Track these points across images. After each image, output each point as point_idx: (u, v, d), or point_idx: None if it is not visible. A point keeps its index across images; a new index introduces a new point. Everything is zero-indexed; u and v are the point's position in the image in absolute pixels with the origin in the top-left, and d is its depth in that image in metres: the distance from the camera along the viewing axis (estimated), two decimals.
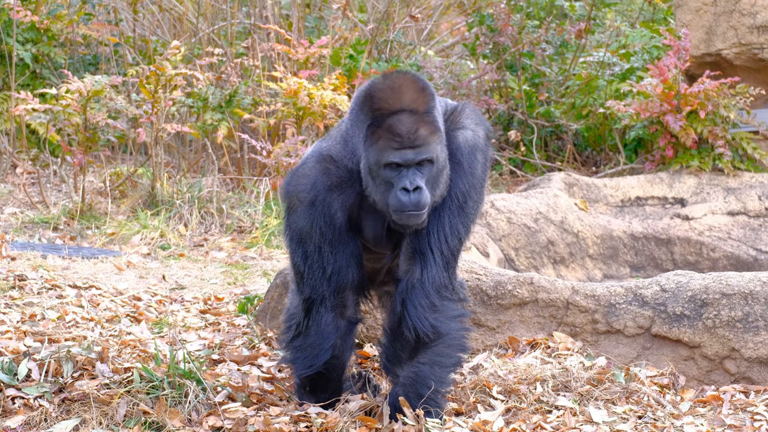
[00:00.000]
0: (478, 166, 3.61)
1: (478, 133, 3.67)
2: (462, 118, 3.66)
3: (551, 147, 8.95)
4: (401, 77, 3.51)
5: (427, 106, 3.49)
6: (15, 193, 7.34)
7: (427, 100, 3.50)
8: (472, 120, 3.67)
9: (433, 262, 3.55)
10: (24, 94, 6.92)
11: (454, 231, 3.57)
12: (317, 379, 3.73)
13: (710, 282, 4.27)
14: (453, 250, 3.58)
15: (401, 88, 3.48)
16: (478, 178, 3.61)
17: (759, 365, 4.16)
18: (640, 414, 3.84)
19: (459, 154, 3.58)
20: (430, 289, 3.55)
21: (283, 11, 9.68)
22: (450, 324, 3.59)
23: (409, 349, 3.59)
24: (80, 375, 3.76)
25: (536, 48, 8.88)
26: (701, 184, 6.70)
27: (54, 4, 8.75)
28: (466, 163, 3.59)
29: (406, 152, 3.45)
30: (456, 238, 3.57)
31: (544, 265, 5.79)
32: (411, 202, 3.46)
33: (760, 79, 7.05)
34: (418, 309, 3.54)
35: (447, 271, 3.57)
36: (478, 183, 3.62)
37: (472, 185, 3.59)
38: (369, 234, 3.69)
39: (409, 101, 3.48)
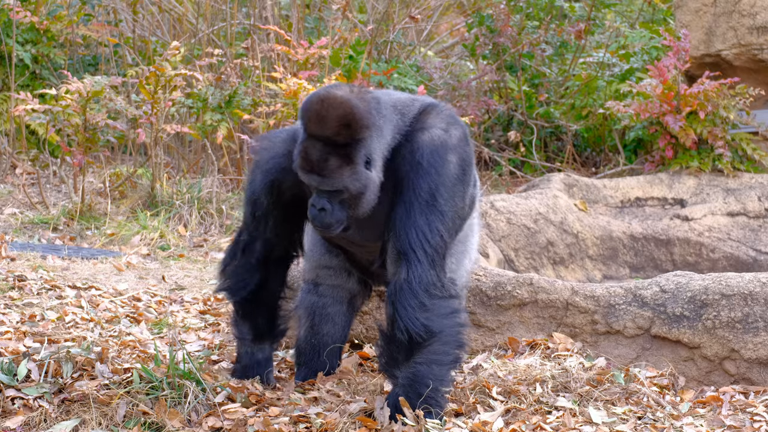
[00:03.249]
0: (447, 165, 3.61)
1: (451, 132, 3.68)
2: (429, 118, 3.69)
3: (551, 148, 8.95)
4: (334, 103, 3.51)
5: (349, 139, 3.51)
6: (14, 193, 7.34)
7: (352, 132, 3.51)
8: (442, 120, 3.69)
9: (417, 262, 3.56)
10: (24, 94, 6.92)
11: (432, 229, 3.58)
12: (248, 306, 3.96)
13: (710, 283, 4.27)
14: (436, 248, 3.58)
15: (327, 117, 3.50)
16: (449, 177, 3.61)
17: (759, 366, 4.16)
18: (640, 415, 3.84)
19: (419, 155, 3.60)
20: (418, 288, 3.56)
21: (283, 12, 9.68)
22: (443, 321, 3.60)
23: (405, 350, 3.61)
24: (80, 375, 3.76)
25: (536, 49, 8.88)
26: (701, 184, 6.70)
27: (54, 5, 8.75)
28: (427, 162, 3.60)
29: (312, 177, 3.54)
30: (436, 236, 3.58)
31: (543, 265, 5.79)
32: (317, 218, 3.60)
33: (760, 80, 7.05)
34: (408, 310, 3.55)
35: (434, 269, 3.58)
36: (449, 181, 3.62)
37: (441, 183, 3.60)
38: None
39: (329, 132, 3.50)
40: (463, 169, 3.67)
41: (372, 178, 3.60)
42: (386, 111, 3.66)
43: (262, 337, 4.05)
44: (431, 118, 3.69)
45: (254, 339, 4.04)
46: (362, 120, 3.52)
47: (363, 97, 3.58)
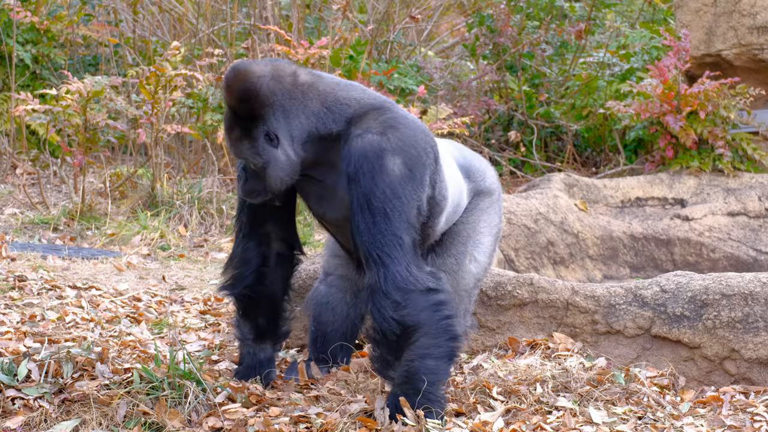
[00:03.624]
0: (383, 170, 3.58)
1: (389, 135, 3.63)
2: (366, 122, 3.67)
3: (551, 148, 8.95)
4: (239, 75, 3.61)
5: (249, 113, 3.61)
6: (15, 193, 7.34)
7: (250, 107, 3.60)
8: (380, 124, 3.66)
9: (381, 265, 3.56)
10: (24, 94, 6.92)
11: (384, 231, 3.57)
12: (247, 302, 3.98)
13: (710, 283, 4.27)
14: (398, 246, 3.57)
15: (231, 88, 3.61)
16: (386, 181, 3.58)
17: (759, 366, 4.16)
18: (640, 415, 3.84)
19: (353, 164, 3.61)
20: (387, 287, 3.55)
21: (283, 12, 9.68)
22: (422, 315, 3.57)
23: (393, 350, 3.61)
24: (80, 376, 3.76)
25: (536, 49, 8.88)
26: (701, 184, 6.70)
27: (54, 5, 8.75)
28: (361, 170, 3.59)
29: (226, 143, 3.85)
30: (389, 235, 3.56)
31: (544, 265, 5.79)
32: (237, 185, 3.84)
33: (760, 80, 7.05)
34: (381, 310, 3.56)
35: (401, 265, 3.57)
36: (388, 185, 3.58)
37: (378, 188, 3.57)
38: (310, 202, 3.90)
39: (233, 103, 3.63)
40: (410, 169, 3.62)
41: (276, 155, 3.65)
42: (305, 98, 3.67)
43: (264, 336, 4.04)
44: (368, 122, 3.67)
45: (255, 339, 4.04)
46: (262, 98, 3.60)
47: (278, 77, 3.63)
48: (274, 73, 3.64)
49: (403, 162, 3.62)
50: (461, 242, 4.04)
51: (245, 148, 3.67)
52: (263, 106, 3.61)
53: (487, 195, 4.16)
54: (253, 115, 3.62)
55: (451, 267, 4.05)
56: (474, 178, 4.13)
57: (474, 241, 4.09)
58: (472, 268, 4.10)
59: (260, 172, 3.69)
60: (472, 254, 4.09)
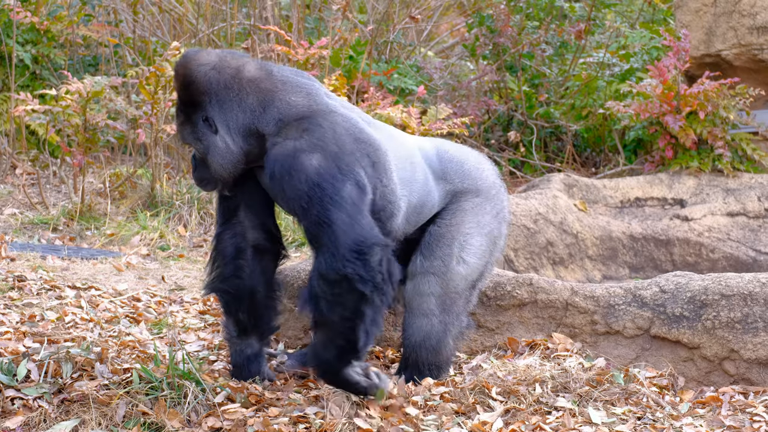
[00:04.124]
0: (296, 175, 3.64)
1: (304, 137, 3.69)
2: (286, 130, 3.74)
3: (551, 148, 8.95)
4: (185, 63, 3.79)
5: (189, 99, 3.79)
6: (14, 193, 7.34)
7: (190, 94, 3.78)
8: (298, 131, 3.71)
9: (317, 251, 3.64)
10: (24, 95, 6.92)
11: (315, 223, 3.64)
12: (227, 298, 4.01)
13: (709, 283, 4.27)
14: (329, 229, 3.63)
15: (177, 75, 3.82)
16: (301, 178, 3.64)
17: (758, 366, 4.16)
18: (640, 415, 3.84)
19: (267, 167, 3.73)
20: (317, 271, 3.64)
21: (283, 12, 9.68)
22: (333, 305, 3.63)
23: None
24: (79, 376, 3.76)
25: (536, 49, 8.88)
26: (701, 185, 6.70)
27: (54, 6, 8.75)
28: (268, 173, 3.70)
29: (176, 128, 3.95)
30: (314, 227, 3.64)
31: (543, 266, 5.79)
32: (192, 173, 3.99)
33: (760, 80, 7.05)
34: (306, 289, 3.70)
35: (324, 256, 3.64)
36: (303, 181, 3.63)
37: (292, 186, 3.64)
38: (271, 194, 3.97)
39: (177, 88, 3.83)
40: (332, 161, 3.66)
41: (215, 142, 3.79)
42: (242, 92, 3.76)
43: (247, 332, 4.04)
44: (290, 130, 3.73)
45: (239, 335, 4.04)
46: (199, 86, 3.75)
47: (220, 68, 3.76)
48: (217, 64, 3.77)
49: (323, 157, 3.66)
50: (446, 244, 4.04)
51: (187, 132, 3.84)
52: (201, 93, 3.77)
53: (472, 195, 4.13)
54: (192, 101, 3.79)
55: (438, 269, 4.04)
56: (450, 180, 4.11)
57: (460, 242, 4.07)
58: (461, 269, 4.08)
59: (205, 159, 3.84)
60: (459, 256, 4.07)
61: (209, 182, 3.90)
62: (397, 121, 6.86)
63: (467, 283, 4.13)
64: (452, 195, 4.11)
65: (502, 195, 4.25)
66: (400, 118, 6.88)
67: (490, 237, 4.17)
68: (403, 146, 4.01)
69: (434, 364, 4.07)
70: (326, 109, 3.79)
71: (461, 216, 4.09)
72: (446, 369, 4.13)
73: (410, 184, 3.96)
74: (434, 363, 4.07)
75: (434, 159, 4.10)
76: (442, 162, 4.11)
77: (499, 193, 4.23)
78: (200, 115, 3.79)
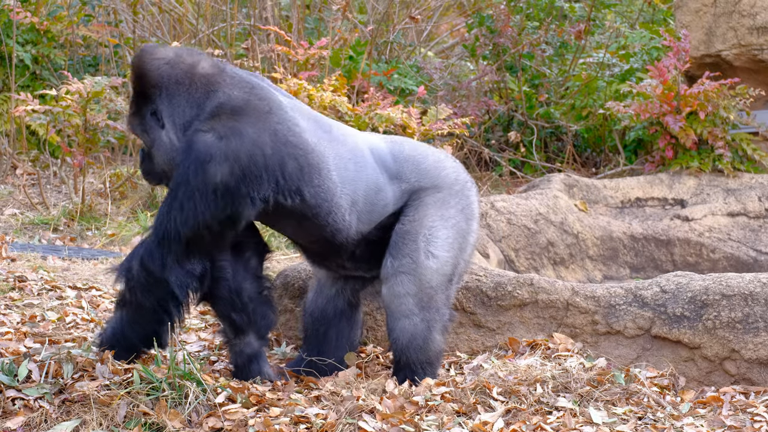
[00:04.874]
0: (203, 171, 3.74)
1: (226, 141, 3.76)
2: (212, 121, 3.80)
3: (551, 148, 8.95)
4: (140, 55, 3.89)
5: (140, 90, 3.88)
6: (15, 194, 7.34)
7: (141, 86, 3.87)
8: (224, 126, 3.78)
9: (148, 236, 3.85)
10: (24, 95, 6.92)
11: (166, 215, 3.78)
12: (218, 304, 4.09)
13: (710, 283, 4.27)
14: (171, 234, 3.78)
15: (132, 65, 3.92)
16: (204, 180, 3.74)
17: (759, 366, 4.16)
18: (640, 415, 3.84)
19: (184, 157, 3.79)
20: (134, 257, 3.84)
21: (283, 12, 9.68)
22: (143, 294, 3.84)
23: None
24: (80, 376, 3.76)
25: (536, 49, 8.89)
26: (701, 185, 6.70)
27: (54, 6, 8.75)
28: (179, 159, 3.80)
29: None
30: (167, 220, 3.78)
31: (544, 266, 5.79)
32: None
33: (760, 80, 7.05)
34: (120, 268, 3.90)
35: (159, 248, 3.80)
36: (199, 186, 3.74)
37: (185, 180, 3.75)
38: None
39: (131, 78, 3.93)
40: (241, 178, 3.76)
41: (160, 136, 3.89)
42: (192, 86, 3.84)
43: (242, 331, 4.05)
44: (215, 123, 3.79)
45: (236, 335, 4.05)
46: (151, 79, 3.85)
47: (175, 63, 3.85)
48: (172, 59, 3.86)
49: (230, 172, 3.75)
50: (411, 240, 4.03)
51: (136, 124, 3.94)
52: (152, 86, 3.85)
53: (434, 191, 4.10)
54: (143, 93, 3.87)
55: (409, 267, 4.03)
56: (406, 178, 4.09)
57: (425, 237, 4.05)
58: (431, 263, 4.05)
59: (150, 153, 3.94)
60: (426, 250, 4.05)
61: (155, 176, 4.01)
62: (398, 121, 6.87)
63: (441, 277, 4.09)
64: (411, 193, 4.09)
65: (469, 191, 4.20)
66: (401, 118, 6.88)
67: (457, 230, 4.12)
68: (347, 147, 4.03)
69: (425, 362, 4.07)
70: (265, 108, 3.85)
71: (424, 210, 4.08)
72: (437, 364, 4.13)
73: (354, 183, 3.98)
74: (425, 361, 4.07)
75: (388, 158, 4.10)
76: (397, 161, 4.11)
77: (464, 189, 4.18)
78: (149, 108, 3.87)
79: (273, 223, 4.03)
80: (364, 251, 4.08)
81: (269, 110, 3.85)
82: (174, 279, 3.83)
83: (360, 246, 4.05)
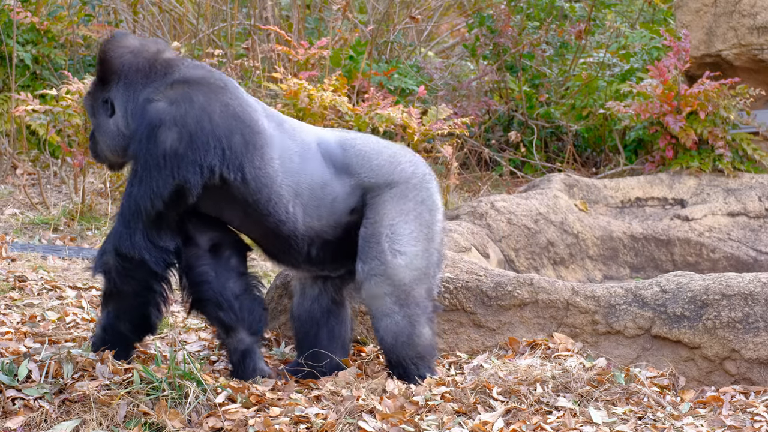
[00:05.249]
0: (153, 138, 3.83)
1: (180, 105, 3.85)
2: (165, 91, 3.89)
3: (551, 148, 8.95)
4: (106, 41, 3.99)
5: (99, 75, 3.96)
6: (15, 194, 7.34)
7: (101, 71, 3.95)
8: (176, 92, 3.87)
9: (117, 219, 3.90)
10: (24, 95, 6.92)
11: (131, 194, 3.86)
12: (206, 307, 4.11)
13: (710, 283, 4.27)
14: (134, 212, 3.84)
15: (99, 48, 4.01)
16: (155, 147, 3.82)
17: (759, 366, 4.16)
18: (640, 415, 3.84)
19: (138, 126, 3.89)
20: (108, 246, 3.89)
21: (283, 12, 9.69)
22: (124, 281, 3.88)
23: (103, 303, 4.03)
24: (80, 376, 3.76)
25: (536, 49, 8.89)
26: (701, 185, 6.70)
27: (54, 6, 8.75)
28: (140, 134, 3.86)
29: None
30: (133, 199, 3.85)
31: (544, 266, 5.79)
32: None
33: (760, 80, 7.05)
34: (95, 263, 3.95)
35: (127, 228, 3.85)
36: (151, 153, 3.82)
37: (147, 151, 3.83)
38: None
39: (96, 63, 4.00)
40: (189, 143, 3.82)
41: (108, 123, 3.97)
42: (152, 71, 3.92)
43: (233, 329, 4.05)
44: (167, 91, 3.88)
45: (228, 334, 4.07)
46: (112, 65, 3.93)
47: (139, 52, 3.94)
48: (137, 48, 3.95)
49: (178, 137, 3.82)
50: (376, 242, 4.02)
51: (88, 104, 4.03)
52: (111, 72, 3.93)
53: (389, 187, 4.08)
54: (102, 78, 3.96)
55: (378, 269, 4.01)
56: (356, 173, 4.08)
57: (388, 236, 4.03)
58: (400, 261, 4.02)
59: (96, 134, 4.03)
60: (392, 249, 4.02)
61: (100, 159, 4.11)
62: (398, 121, 6.87)
63: (414, 272, 4.06)
64: (365, 190, 4.07)
65: (428, 183, 4.15)
66: (401, 118, 6.88)
67: (419, 222, 4.09)
68: (295, 140, 4.04)
69: (416, 356, 4.06)
70: (220, 84, 3.94)
71: (382, 209, 4.05)
72: (430, 357, 4.10)
73: (297, 175, 3.98)
74: (415, 356, 4.06)
75: (337, 152, 4.09)
76: (347, 156, 4.09)
77: (423, 181, 4.13)
78: (104, 95, 3.96)
79: (221, 210, 4.02)
80: (322, 252, 4.07)
81: (224, 86, 3.93)
82: (149, 257, 3.86)
83: (315, 245, 4.04)
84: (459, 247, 5.10)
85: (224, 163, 3.86)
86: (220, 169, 3.86)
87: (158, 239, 3.87)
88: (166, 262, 3.91)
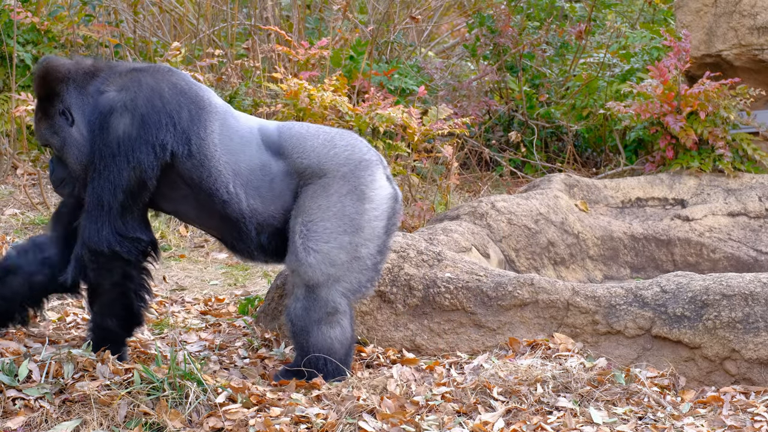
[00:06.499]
0: (106, 126, 3.88)
1: (127, 92, 3.90)
2: (114, 79, 3.94)
3: (552, 148, 8.95)
4: (42, 61, 3.97)
5: (46, 92, 3.94)
6: (15, 194, 7.34)
7: (46, 85, 3.93)
8: (122, 81, 3.93)
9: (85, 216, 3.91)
10: (24, 95, 6.92)
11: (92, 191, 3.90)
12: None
13: (710, 283, 4.27)
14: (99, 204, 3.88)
15: (35, 73, 3.97)
16: (110, 140, 3.87)
17: (759, 366, 4.17)
18: (641, 415, 3.84)
19: (89, 116, 3.93)
20: (81, 246, 3.92)
21: (284, 12, 9.69)
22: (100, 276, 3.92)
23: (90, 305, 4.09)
24: (81, 376, 3.76)
25: (536, 49, 8.89)
26: (701, 185, 6.70)
27: (54, 6, 8.75)
28: (96, 127, 3.90)
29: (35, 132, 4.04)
30: (93, 195, 3.89)
31: (544, 266, 5.79)
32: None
33: (761, 80, 7.05)
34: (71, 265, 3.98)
35: (97, 224, 3.88)
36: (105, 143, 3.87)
37: (101, 141, 3.88)
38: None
39: (35, 87, 3.97)
40: (141, 124, 3.87)
41: (71, 133, 3.94)
42: (98, 73, 3.96)
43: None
44: (117, 80, 3.93)
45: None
46: (57, 74, 3.93)
47: (78, 62, 4.00)
48: (75, 60, 4.00)
49: (130, 122, 3.87)
50: (292, 236, 4.05)
51: (44, 128, 3.97)
52: (58, 81, 3.93)
53: (317, 177, 4.06)
54: (49, 93, 3.94)
55: (292, 264, 4.05)
56: (289, 155, 4.09)
57: (304, 233, 4.02)
58: (311, 259, 4.01)
59: (63, 157, 3.96)
60: (306, 246, 4.01)
61: (67, 182, 4.01)
62: (398, 121, 6.86)
63: (331, 269, 4.04)
64: (299, 175, 4.08)
65: (362, 171, 4.09)
66: (401, 118, 6.88)
67: (340, 217, 4.04)
68: (238, 123, 4.10)
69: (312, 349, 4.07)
70: (166, 69, 4.02)
71: (302, 204, 4.06)
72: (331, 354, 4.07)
73: (236, 154, 4.02)
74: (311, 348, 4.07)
75: (274, 135, 4.12)
76: (282, 138, 4.11)
77: (356, 170, 4.08)
78: (58, 107, 3.94)
79: (176, 204, 4.07)
80: (273, 241, 4.10)
81: (170, 71, 4.02)
82: (120, 248, 3.90)
83: (264, 232, 4.07)
84: (459, 247, 5.10)
85: (174, 138, 3.92)
86: (171, 145, 3.92)
87: (126, 230, 3.90)
88: (138, 250, 3.95)
